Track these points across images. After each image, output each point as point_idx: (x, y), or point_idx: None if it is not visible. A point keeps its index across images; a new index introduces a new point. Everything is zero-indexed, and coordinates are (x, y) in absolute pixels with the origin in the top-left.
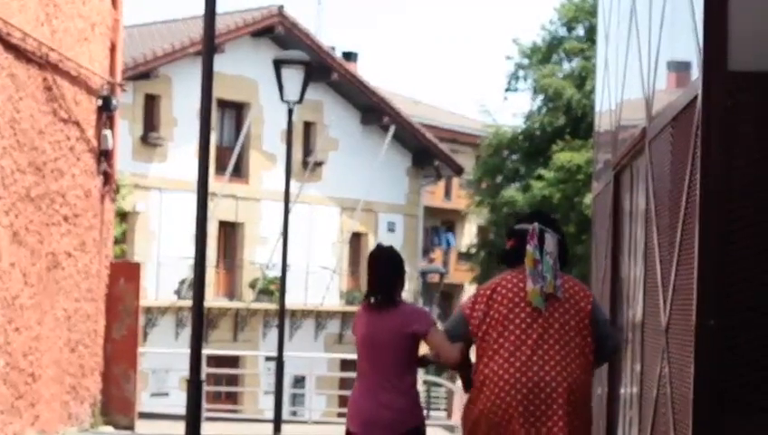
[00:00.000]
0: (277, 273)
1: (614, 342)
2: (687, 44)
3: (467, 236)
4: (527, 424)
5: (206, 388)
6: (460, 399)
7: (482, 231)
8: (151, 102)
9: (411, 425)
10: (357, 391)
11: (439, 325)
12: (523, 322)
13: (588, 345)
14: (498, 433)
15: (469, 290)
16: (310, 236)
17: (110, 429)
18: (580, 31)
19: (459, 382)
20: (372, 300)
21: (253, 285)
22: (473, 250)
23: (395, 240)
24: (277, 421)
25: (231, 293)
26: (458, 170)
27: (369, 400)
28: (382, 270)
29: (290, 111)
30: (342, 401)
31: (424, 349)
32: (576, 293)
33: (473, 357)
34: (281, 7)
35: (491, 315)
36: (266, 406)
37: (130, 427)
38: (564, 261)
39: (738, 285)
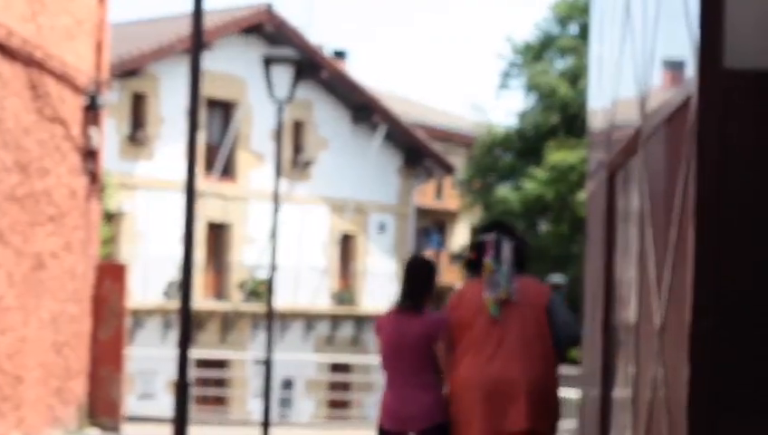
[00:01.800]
0: (266, 274)
1: (568, 331)
2: (683, 42)
3: (460, 236)
4: (491, 417)
5: (193, 391)
6: None
7: (475, 232)
8: (138, 101)
9: (437, 420)
10: (386, 390)
11: None
12: (484, 326)
13: (547, 338)
14: (469, 424)
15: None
16: (299, 236)
17: (96, 431)
18: (574, 29)
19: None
20: (401, 305)
21: (242, 287)
22: (465, 251)
23: (386, 240)
24: (266, 424)
25: (219, 294)
26: (450, 170)
27: (398, 397)
28: (413, 279)
29: (280, 109)
30: (333, 404)
31: None
32: (532, 291)
33: None
34: (269, 5)
35: (458, 322)
36: (255, 409)
37: (116, 429)
38: (522, 264)
39: (733, 285)
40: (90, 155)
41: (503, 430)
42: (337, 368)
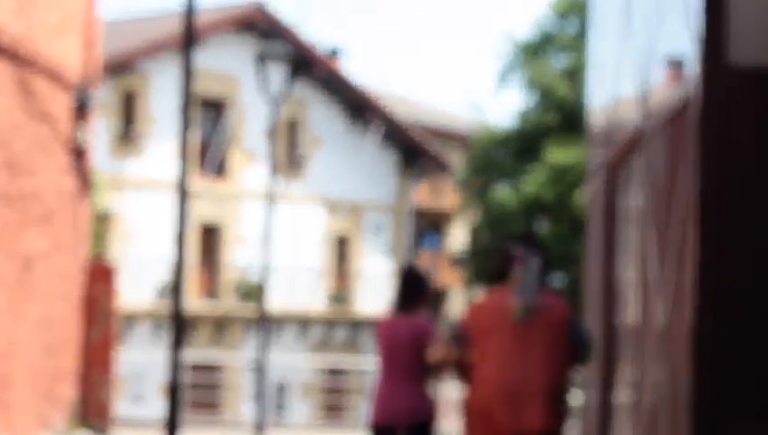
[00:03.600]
0: (259, 275)
1: (586, 345)
2: (685, 39)
3: (457, 236)
4: (510, 414)
5: (185, 394)
6: (445, 404)
7: (474, 233)
8: (129, 99)
9: (422, 418)
10: (379, 387)
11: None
12: (508, 332)
13: (562, 349)
14: (488, 424)
15: (456, 294)
16: (294, 236)
17: (85, 434)
18: (574, 26)
19: (443, 389)
20: (394, 310)
21: (237, 289)
22: (463, 253)
23: (382, 241)
24: (259, 425)
25: (212, 295)
26: (447, 169)
27: (389, 392)
28: (403, 285)
29: (274, 106)
30: (327, 408)
31: None
32: (554, 305)
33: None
34: (261, 3)
35: (483, 326)
36: (248, 413)
37: (106, 432)
38: (545, 279)
39: (735, 286)
40: (79, 154)
41: (521, 427)
42: (331, 371)
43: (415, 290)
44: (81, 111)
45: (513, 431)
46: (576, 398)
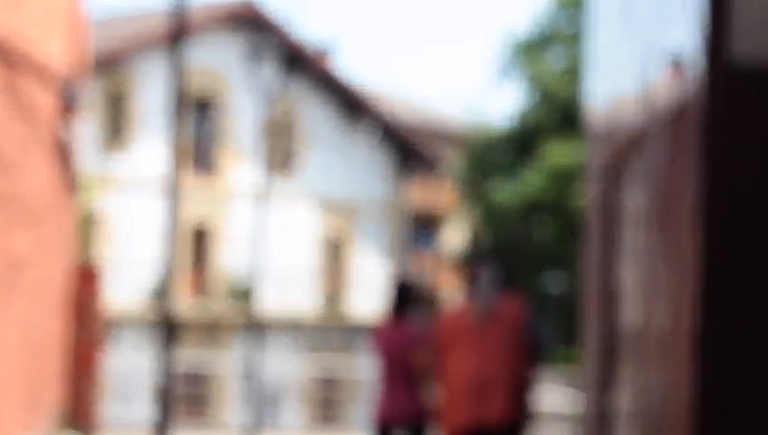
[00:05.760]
0: (251, 277)
1: (537, 344)
2: (686, 37)
3: (454, 237)
4: (475, 406)
5: (174, 397)
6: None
7: (473, 233)
8: (117, 97)
9: (418, 418)
10: (380, 390)
11: None
12: (471, 336)
13: (521, 347)
14: (457, 416)
15: (453, 295)
16: (287, 237)
17: None
18: (574, 23)
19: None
20: (387, 319)
21: (226, 291)
22: (461, 253)
23: (377, 241)
24: (250, 429)
25: (202, 297)
26: (443, 169)
27: (389, 395)
28: (394, 295)
29: (266, 102)
30: (319, 410)
31: None
32: (511, 309)
33: None
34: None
35: (450, 332)
36: (238, 417)
37: None
38: (504, 285)
39: (739, 287)
40: (66, 153)
41: (485, 417)
42: (324, 374)
43: (403, 298)
44: (68, 109)
45: (477, 424)
46: (538, 396)
